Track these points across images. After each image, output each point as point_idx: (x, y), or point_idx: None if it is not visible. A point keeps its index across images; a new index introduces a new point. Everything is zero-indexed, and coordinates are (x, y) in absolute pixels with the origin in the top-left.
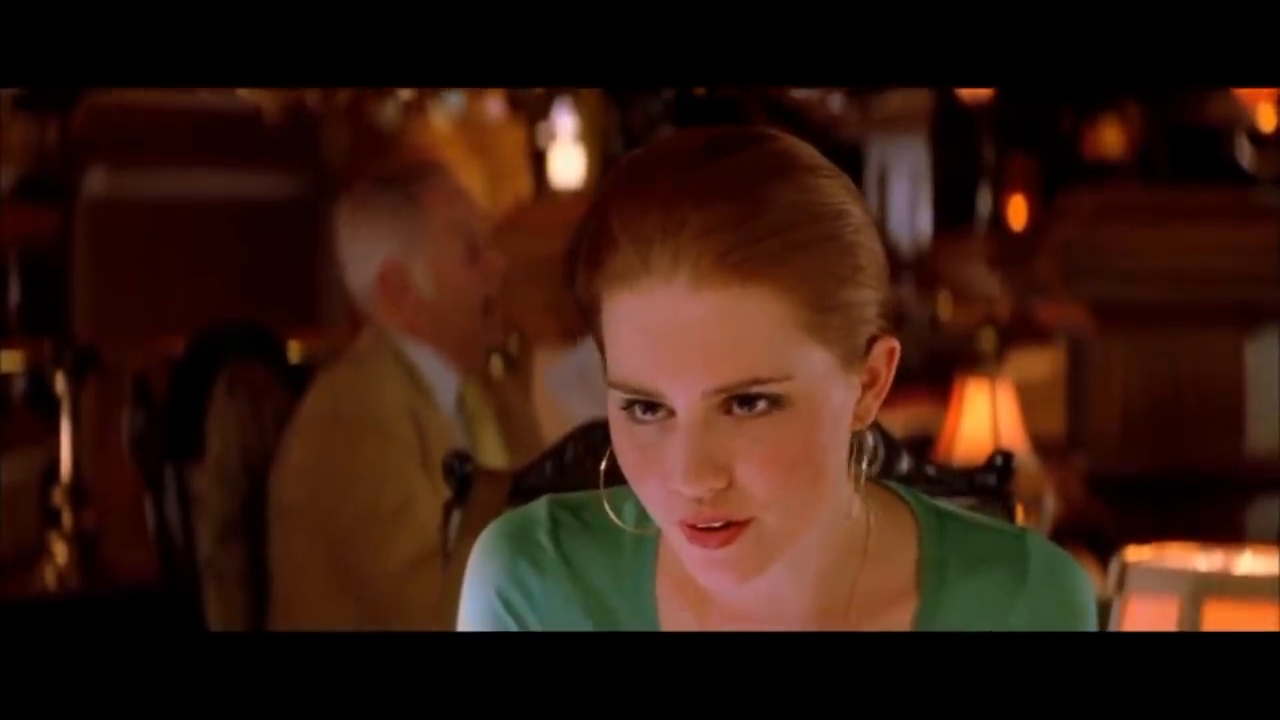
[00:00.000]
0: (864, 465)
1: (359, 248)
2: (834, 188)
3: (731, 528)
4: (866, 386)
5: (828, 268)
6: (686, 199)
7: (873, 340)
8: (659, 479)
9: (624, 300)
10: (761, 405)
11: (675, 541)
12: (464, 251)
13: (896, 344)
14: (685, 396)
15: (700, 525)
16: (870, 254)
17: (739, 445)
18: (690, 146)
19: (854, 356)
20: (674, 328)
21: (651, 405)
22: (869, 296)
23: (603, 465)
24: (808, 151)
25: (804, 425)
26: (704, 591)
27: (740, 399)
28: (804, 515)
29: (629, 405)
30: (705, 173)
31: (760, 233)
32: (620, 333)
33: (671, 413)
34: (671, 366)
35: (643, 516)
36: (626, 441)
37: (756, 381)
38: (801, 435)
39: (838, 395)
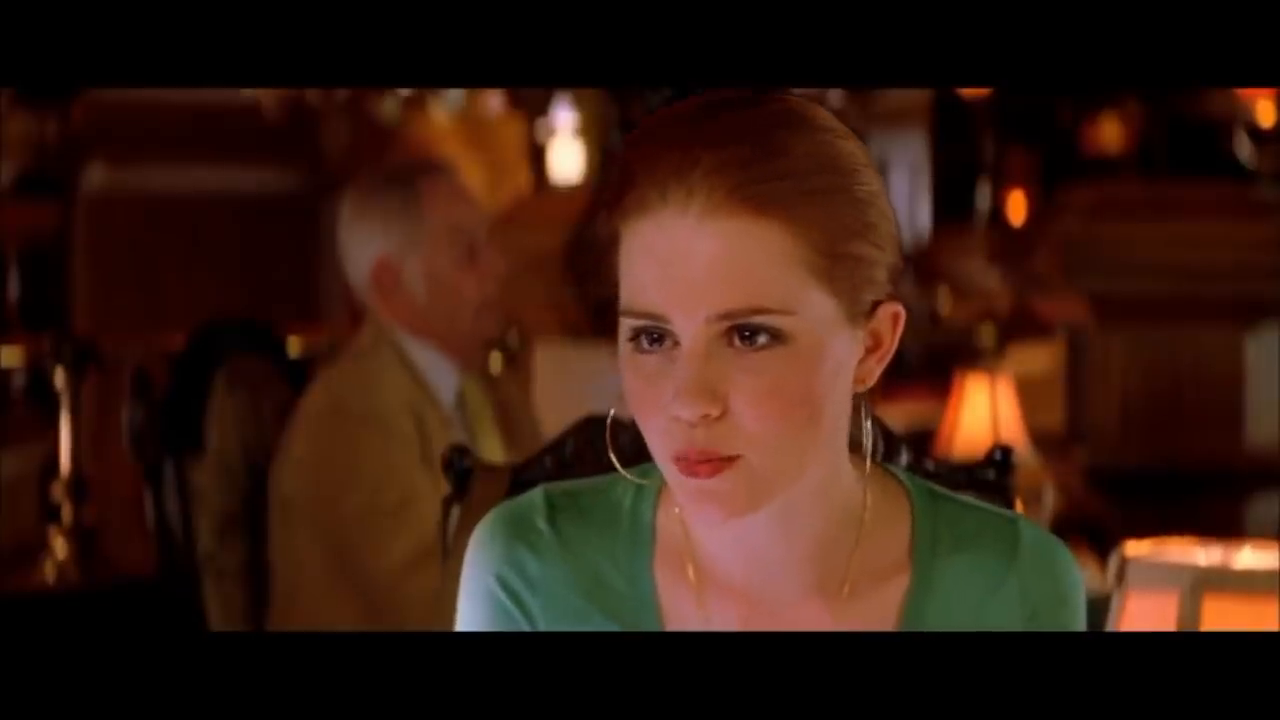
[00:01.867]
0: (867, 423)
1: (357, 241)
2: (850, 148)
3: (722, 461)
4: (870, 350)
5: (838, 217)
6: (702, 142)
7: (878, 302)
8: (660, 408)
9: (640, 231)
10: (763, 339)
11: (670, 479)
12: (460, 254)
13: (902, 309)
14: (689, 322)
15: (693, 457)
16: (881, 216)
17: (737, 376)
18: (709, 101)
19: (858, 311)
20: (683, 255)
21: (658, 336)
22: (877, 256)
23: (608, 418)
24: (826, 115)
25: (803, 365)
26: (702, 568)
27: (742, 331)
28: (793, 461)
29: (636, 336)
30: (722, 121)
31: (773, 173)
32: (634, 261)
33: (676, 343)
34: (679, 292)
35: (639, 501)
36: (632, 373)
37: (759, 311)
38: (799, 374)
39: (840, 346)
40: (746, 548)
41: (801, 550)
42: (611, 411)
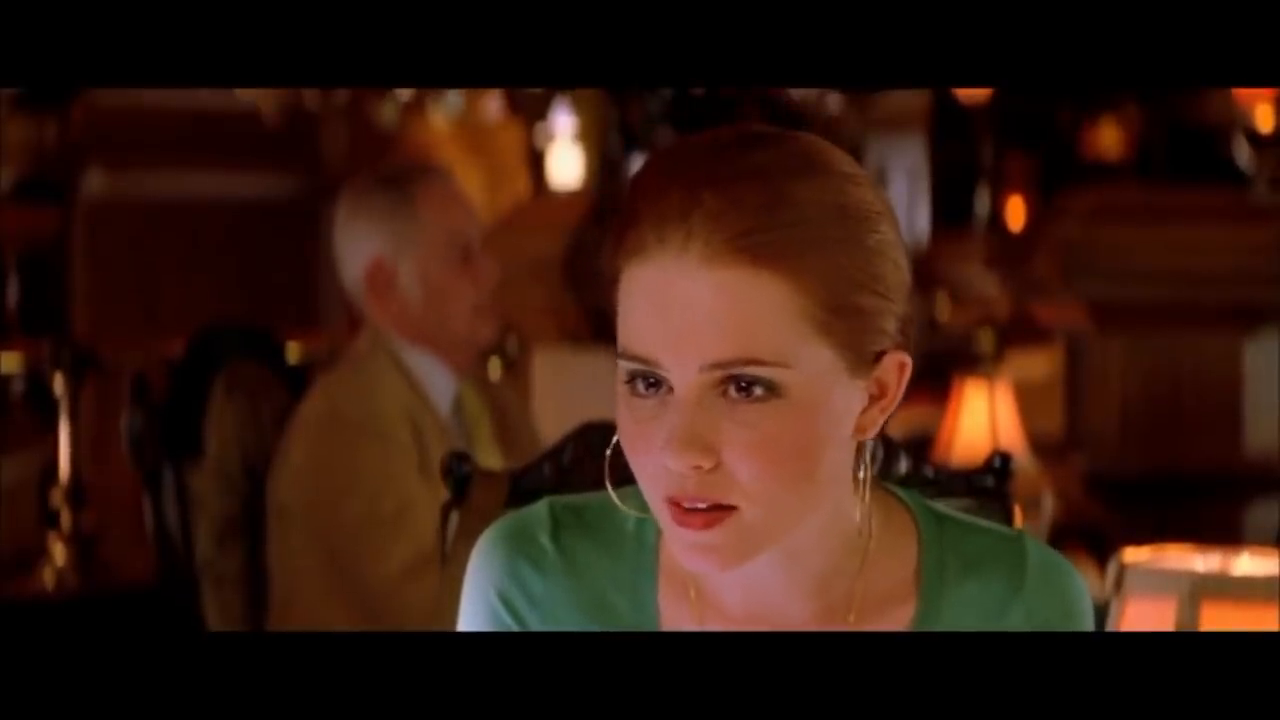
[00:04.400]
0: (868, 474)
1: (350, 243)
2: (863, 195)
3: (714, 511)
4: (874, 399)
5: (843, 269)
6: (708, 182)
7: (883, 352)
8: (652, 453)
9: (638, 272)
10: (758, 391)
11: (663, 524)
12: (455, 256)
13: (908, 360)
14: (683, 370)
15: (685, 504)
16: (893, 266)
17: (730, 429)
18: (722, 138)
19: (861, 363)
20: (680, 301)
21: (653, 381)
22: (884, 307)
23: (608, 451)
24: (843, 158)
25: (798, 419)
26: (705, 593)
27: (738, 382)
28: (790, 514)
29: (631, 379)
30: (732, 162)
31: (778, 222)
32: (631, 303)
33: (671, 389)
34: (674, 338)
35: (644, 521)
36: (627, 416)
37: (754, 362)
38: (795, 429)
39: (839, 398)
40: (748, 580)
41: (804, 581)
42: (614, 439)
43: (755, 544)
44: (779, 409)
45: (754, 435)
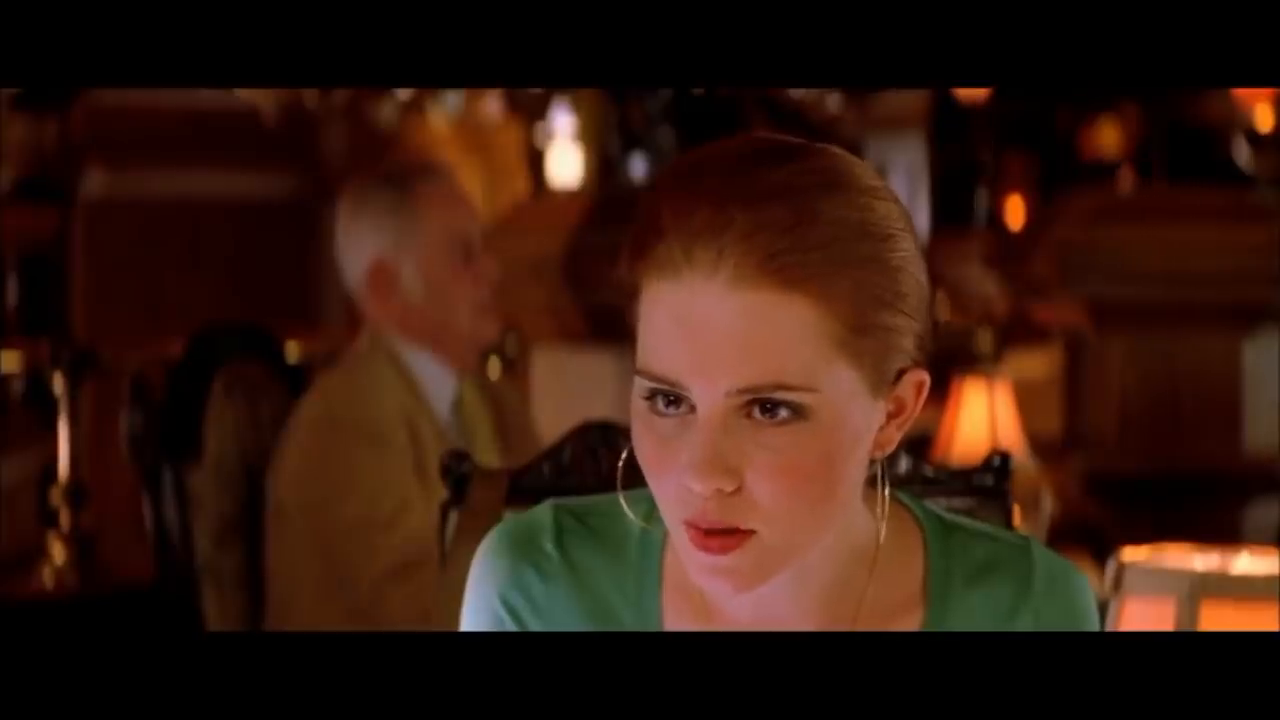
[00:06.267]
0: (883, 489)
1: (352, 243)
2: (887, 210)
3: (733, 535)
4: (891, 416)
5: (870, 289)
6: (737, 200)
7: (903, 370)
8: (673, 474)
9: (663, 290)
10: (783, 414)
11: (679, 544)
12: (457, 256)
13: (927, 377)
14: (708, 393)
15: (704, 527)
16: (914, 283)
17: (753, 451)
18: (747, 151)
19: (883, 383)
20: (707, 323)
21: (674, 399)
22: (906, 325)
23: (620, 462)
24: (866, 171)
25: (822, 441)
26: (710, 603)
27: (762, 405)
28: (807, 533)
29: (651, 396)
30: (759, 178)
31: (808, 243)
32: (654, 322)
33: (693, 408)
34: (699, 361)
35: (649, 529)
36: (645, 433)
37: (781, 387)
38: (817, 451)
39: (860, 418)
40: (756, 592)
41: (813, 594)
42: (625, 449)
43: (773, 565)
44: (803, 431)
45: (778, 458)
